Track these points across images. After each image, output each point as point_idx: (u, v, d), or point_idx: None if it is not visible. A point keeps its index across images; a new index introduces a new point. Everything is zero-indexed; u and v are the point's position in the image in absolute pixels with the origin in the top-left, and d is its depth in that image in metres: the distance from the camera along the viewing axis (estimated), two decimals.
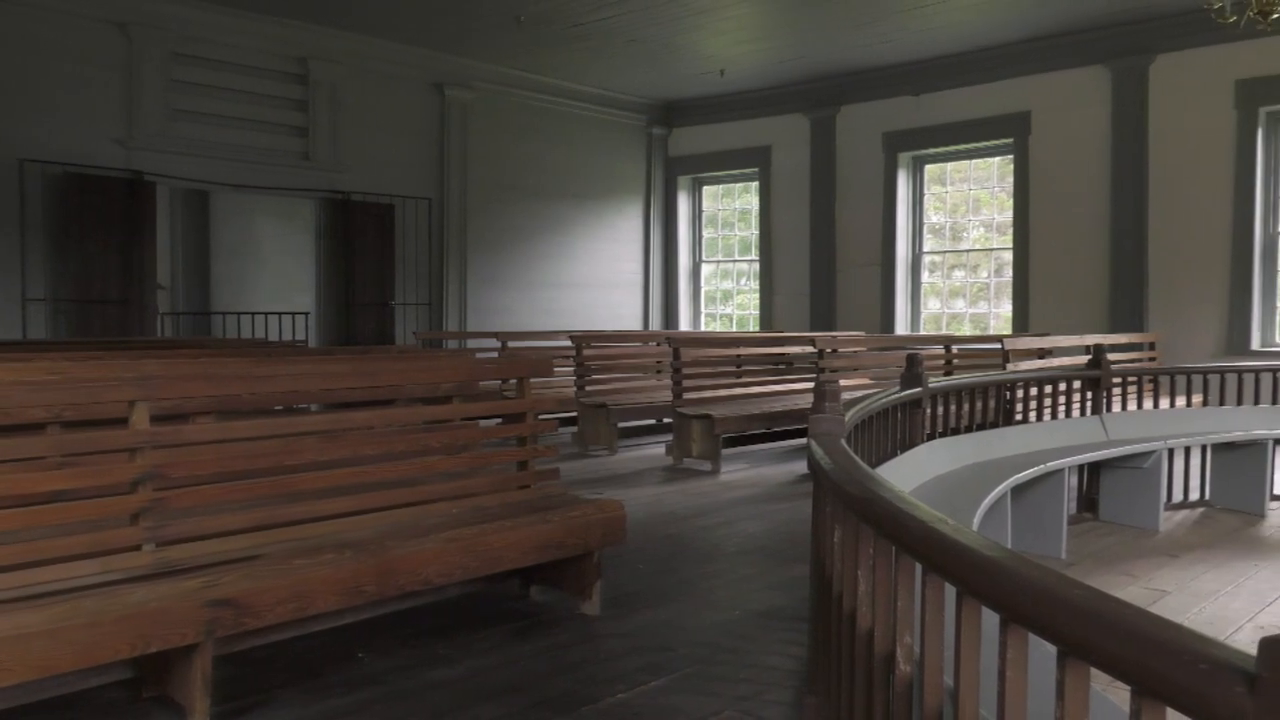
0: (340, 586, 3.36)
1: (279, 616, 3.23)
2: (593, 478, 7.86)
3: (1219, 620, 4.27)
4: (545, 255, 14.10)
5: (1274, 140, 10.57)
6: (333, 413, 4.28)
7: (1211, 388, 7.30)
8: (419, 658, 3.75)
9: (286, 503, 3.67)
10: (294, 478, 3.72)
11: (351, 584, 3.39)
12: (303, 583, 3.26)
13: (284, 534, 3.59)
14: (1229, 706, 0.98)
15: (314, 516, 3.71)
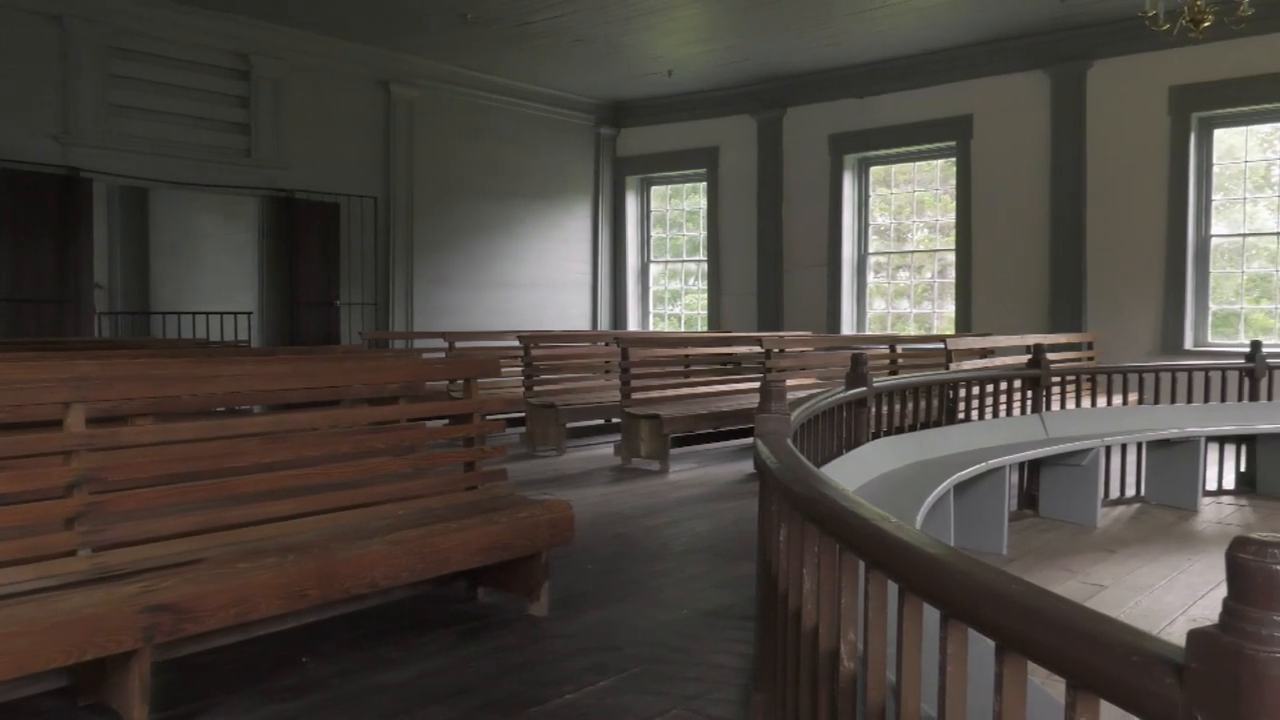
0: (283, 590, 3.31)
1: (220, 621, 3.17)
2: (541, 478, 7.84)
3: (1153, 613, 4.37)
4: (493, 255, 14.03)
5: (1205, 145, 10.85)
6: (276, 414, 4.22)
7: (1147, 386, 7.48)
8: (365, 661, 3.71)
9: (228, 506, 3.61)
10: (236, 480, 3.66)
11: (295, 588, 3.34)
12: (245, 587, 3.21)
13: (225, 537, 3.53)
14: (1159, 697, 1.01)
15: (256, 519, 3.65)
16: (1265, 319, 10.73)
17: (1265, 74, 10.16)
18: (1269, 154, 10.79)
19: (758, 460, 2.70)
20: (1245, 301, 10.85)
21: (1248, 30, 9.12)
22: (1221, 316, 10.93)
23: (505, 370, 10.02)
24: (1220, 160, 10.87)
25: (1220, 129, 10.80)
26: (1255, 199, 10.81)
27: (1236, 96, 10.45)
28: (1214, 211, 10.91)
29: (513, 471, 7.73)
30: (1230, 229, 10.88)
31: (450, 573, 4.01)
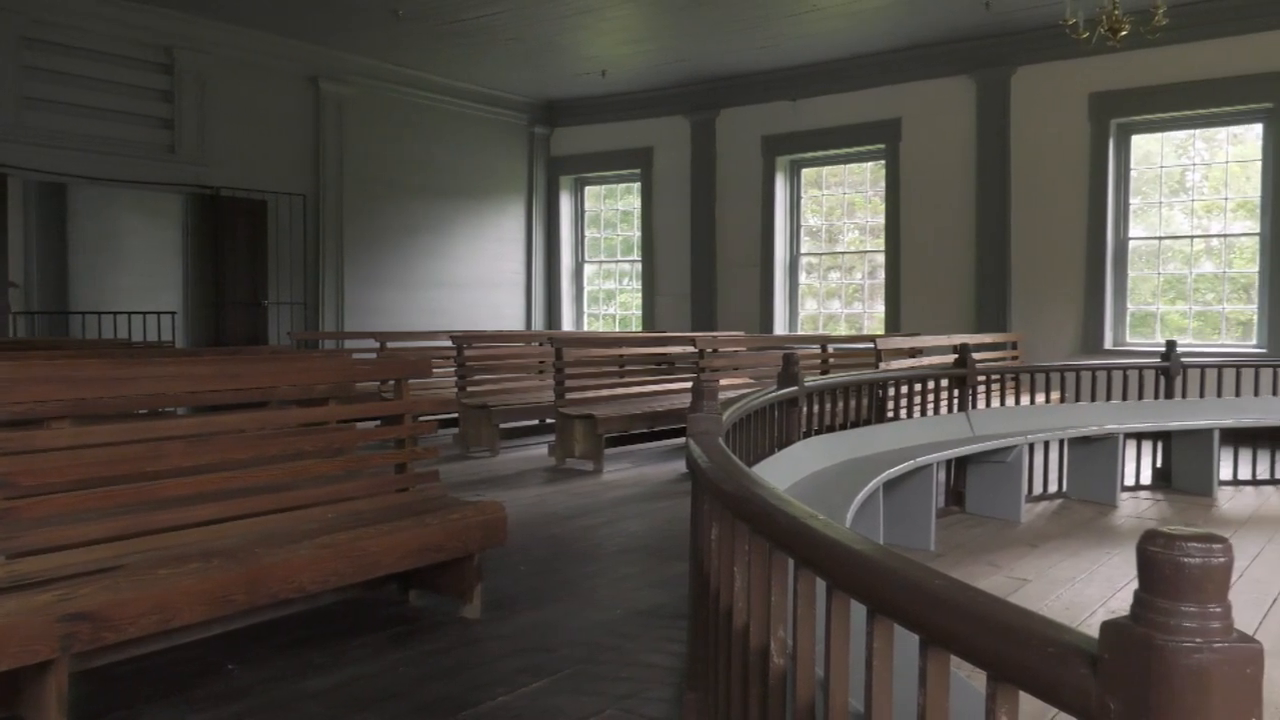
0: (207, 596, 3.24)
1: (141, 629, 3.09)
2: (474, 479, 7.79)
3: (1074, 606, 4.49)
4: (426, 254, 13.90)
5: (1124, 151, 11.18)
6: (201, 416, 4.12)
7: (1068, 385, 7.68)
8: (292, 667, 3.65)
9: (150, 510, 3.52)
10: (158, 484, 3.57)
11: (219, 593, 3.27)
12: (167, 594, 3.13)
13: (147, 543, 3.44)
14: (1074, 687, 1.03)
15: (179, 524, 3.57)
16: (1180, 319, 11.09)
17: (1179, 82, 10.51)
18: (1183, 160, 11.15)
19: (690, 460, 2.71)
20: (1161, 302, 11.19)
21: (1162, 40, 9.43)
22: (1139, 317, 11.27)
23: (438, 371, 9.95)
24: (1137, 165, 11.21)
25: (1138, 135, 11.14)
26: (1171, 203, 11.17)
27: (1152, 104, 10.79)
28: (1132, 215, 11.24)
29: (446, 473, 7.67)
30: (1147, 232, 11.22)
31: (381, 576, 3.96)
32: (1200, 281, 11.02)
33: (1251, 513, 6.74)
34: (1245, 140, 10.65)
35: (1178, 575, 0.98)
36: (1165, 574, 0.98)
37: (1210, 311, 10.94)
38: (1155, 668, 0.96)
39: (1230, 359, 9.02)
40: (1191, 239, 11.01)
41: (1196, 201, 11.06)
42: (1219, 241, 10.86)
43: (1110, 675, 1.00)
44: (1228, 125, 10.72)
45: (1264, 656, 0.97)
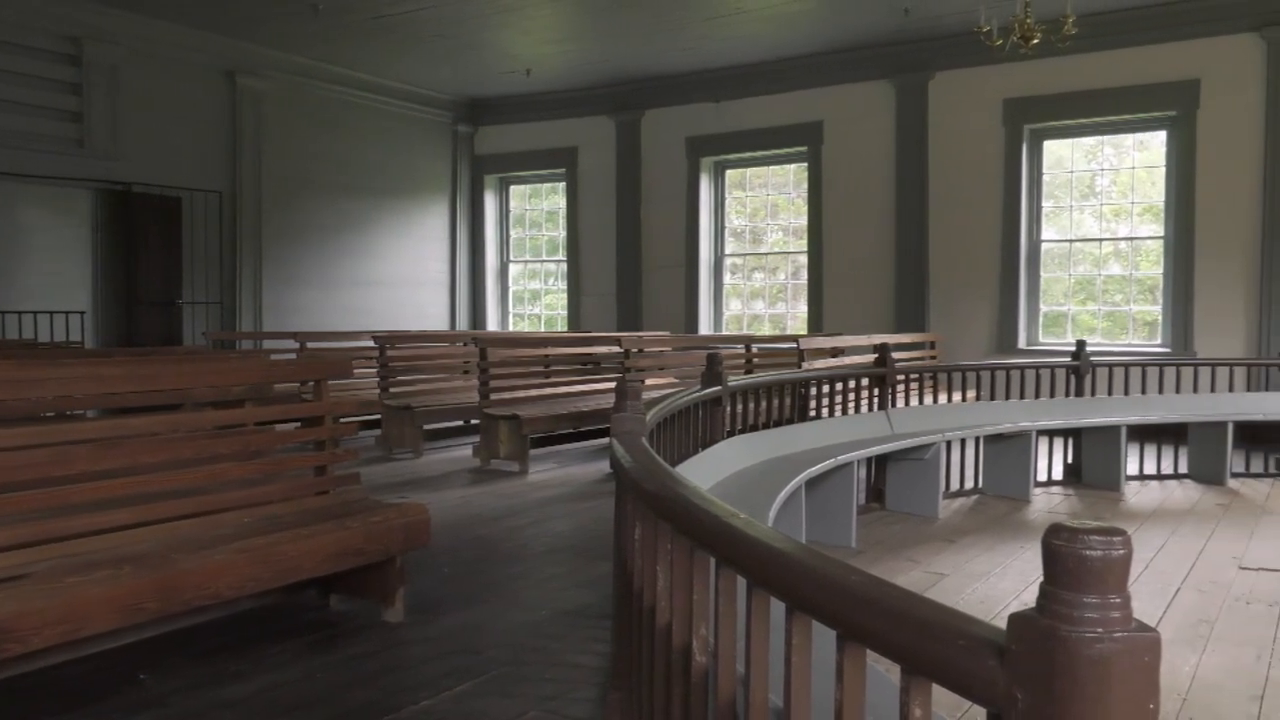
0: (117, 605, 3.14)
1: (48, 640, 2.99)
2: (397, 481, 7.69)
3: (989, 599, 4.61)
4: (347, 253, 13.68)
5: (1036, 155, 11.50)
6: (110, 419, 4.00)
7: (984, 384, 7.87)
8: (208, 676, 3.56)
9: (57, 517, 3.40)
10: (65, 489, 3.45)
11: (130, 602, 3.18)
12: (74, 603, 3.03)
13: (54, 550, 3.33)
14: (983, 679, 1.06)
15: (88, 530, 3.46)
16: (1090, 319, 11.45)
17: (1088, 90, 10.85)
18: (1093, 165, 11.51)
19: (613, 460, 2.72)
20: (1072, 303, 11.54)
21: (1073, 49, 9.74)
22: (1051, 317, 11.61)
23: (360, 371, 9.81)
24: (1050, 170, 11.55)
25: (1050, 140, 11.47)
26: (1081, 207, 11.52)
27: (1063, 110, 11.12)
28: (1044, 218, 11.57)
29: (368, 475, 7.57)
30: (1059, 234, 11.56)
31: (300, 581, 3.89)
32: (1109, 283, 11.39)
33: (1156, 506, 6.99)
34: (1151, 147, 11.04)
35: (1080, 568, 1.01)
36: (1068, 567, 1.01)
37: (1118, 312, 11.31)
38: (1059, 658, 0.99)
39: (1137, 358, 9.34)
40: (1100, 242, 11.37)
41: (1105, 205, 11.43)
42: (1126, 244, 11.24)
43: (1017, 666, 1.03)
44: (1134, 132, 11.10)
45: (1161, 645, 1.01)
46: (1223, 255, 10.30)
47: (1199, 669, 3.70)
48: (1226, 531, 6.12)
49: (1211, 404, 8.00)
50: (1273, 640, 4.05)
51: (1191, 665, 3.74)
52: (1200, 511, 6.77)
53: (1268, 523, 6.38)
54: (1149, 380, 8.40)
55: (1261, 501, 7.13)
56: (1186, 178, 10.49)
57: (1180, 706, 3.34)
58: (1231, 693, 3.48)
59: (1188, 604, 4.56)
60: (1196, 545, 5.74)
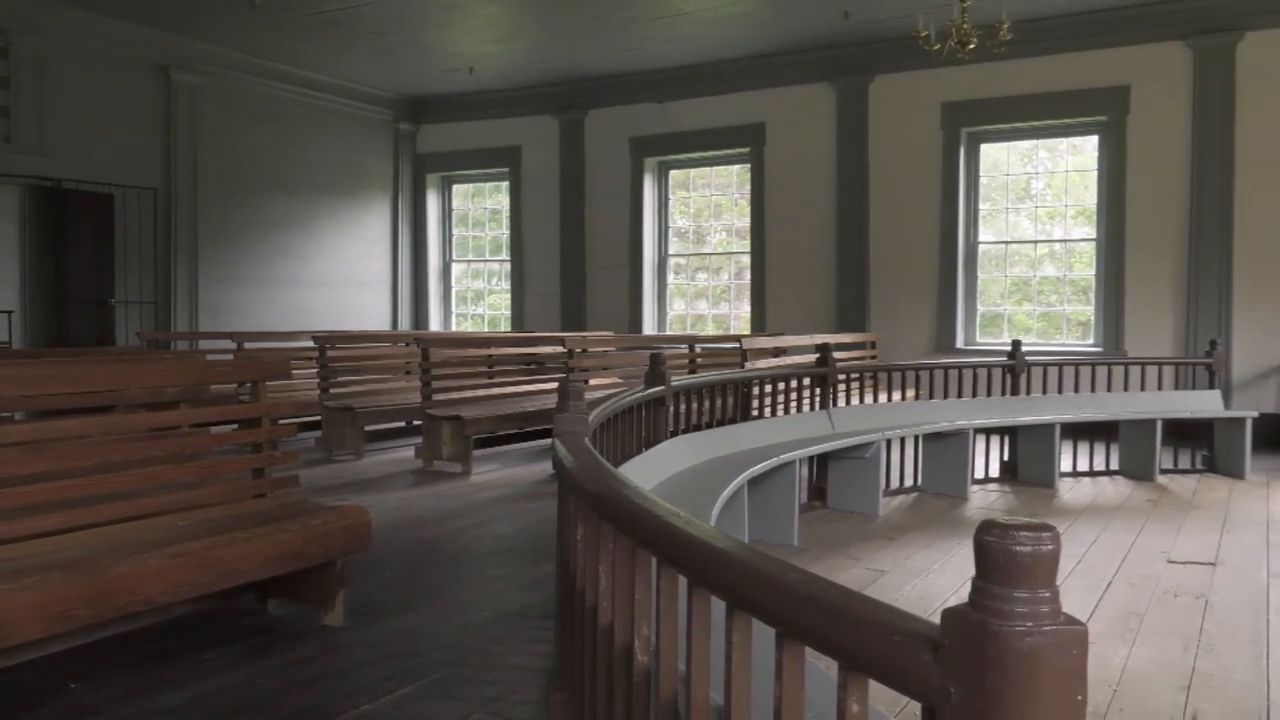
0: (46, 612, 3.06)
1: None
2: (337, 483, 7.59)
3: (928, 595, 4.68)
4: (286, 252, 13.47)
5: (973, 159, 11.70)
6: (40, 421, 3.90)
7: (923, 383, 8.00)
8: (142, 684, 3.48)
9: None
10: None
11: (60, 608, 3.09)
12: (1, 611, 2.95)
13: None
14: (917, 674, 1.08)
15: (17, 536, 3.37)
16: (1026, 319, 11.68)
17: (1023, 95, 11.07)
18: (1028, 168, 11.75)
19: (556, 460, 2.71)
20: (1009, 304, 11.77)
21: (1008, 54, 9.94)
22: (988, 317, 11.82)
23: (299, 372, 9.69)
24: (987, 173, 11.76)
25: (986, 144, 11.68)
26: (1017, 209, 11.75)
27: (1000, 114, 11.34)
28: (981, 220, 11.78)
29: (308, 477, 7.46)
30: (995, 236, 11.78)
31: (238, 585, 3.82)
32: (1044, 284, 11.63)
33: (1089, 502, 7.15)
34: (1084, 151, 11.30)
35: (1011, 563, 1.03)
36: (999, 562, 1.03)
37: (1053, 312, 11.56)
38: (990, 651, 1.01)
39: (1070, 357, 9.56)
40: (1035, 244, 11.61)
41: (1040, 208, 11.67)
42: (1060, 246, 11.49)
43: (950, 660, 1.05)
44: (1067, 136, 11.35)
45: (1088, 638, 1.04)
46: (1152, 257, 10.58)
47: (1129, 660, 3.80)
48: (1155, 526, 6.28)
49: (1141, 402, 8.22)
50: (1199, 632, 4.17)
51: (1122, 657, 3.84)
52: (1131, 507, 6.95)
53: (1194, 518, 6.57)
54: (1082, 379, 8.59)
55: (1188, 497, 7.34)
56: (1117, 181, 10.76)
57: (1111, 698, 3.42)
58: (1160, 683, 3.57)
59: (1119, 597, 4.68)
60: (1127, 540, 5.89)
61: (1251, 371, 10.14)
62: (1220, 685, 3.55)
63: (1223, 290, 10.20)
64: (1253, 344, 10.14)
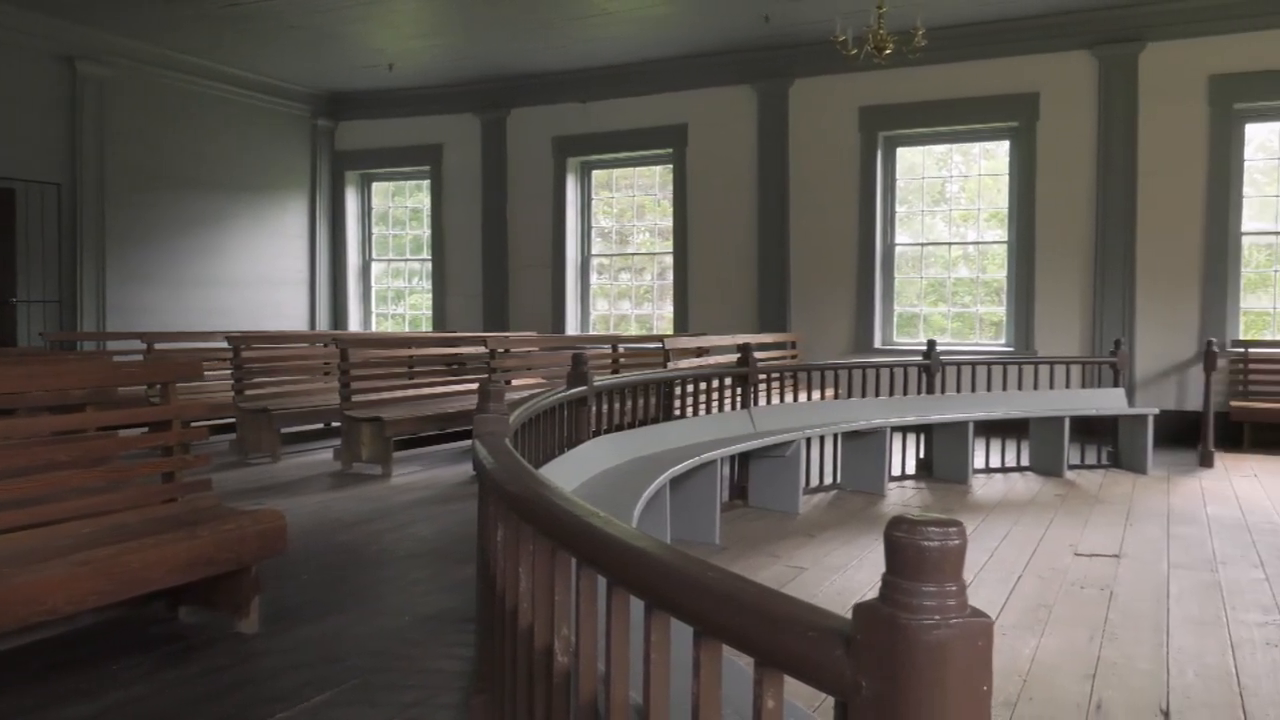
0: None
1: None
2: (253, 487, 7.43)
3: (846, 591, 4.76)
4: (199, 250, 13.12)
5: (890, 162, 11.94)
6: None
7: (842, 382, 8.14)
8: (47, 696, 3.37)
9: None
10: None
11: None
12: None
13: None
14: (830, 669, 1.10)
15: None
16: (941, 320, 11.95)
17: (938, 100, 11.33)
18: (943, 171, 12.02)
19: (476, 461, 2.70)
20: (925, 304, 12.02)
21: (923, 60, 10.16)
22: (905, 318, 12.07)
23: (213, 373, 9.45)
24: (903, 176, 12.00)
25: (902, 147, 11.93)
26: (932, 212, 12.02)
27: (915, 119, 11.58)
28: (898, 222, 12.02)
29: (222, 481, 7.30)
30: (912, 238, 12.03)
31: (147, 593, 3.72)
32: (958, 285, 11.91)
33: (1001, 498, 7.35)
34: (996, 155, 11.60)
35: (919, 558, 1.05)
36: (908, 557, 1.06)
37: (967, 313, 11.85)
38: (899, 645, 1.04)
39: (983, 357, 9.82)
40: (950, 245, 11.88)
41: (954, 211, 11.96)
42: (974, 248, 11.78)
43: (862, 655, 1.07)
44: (981, 141, 11.65)
45: (995, 630, 1.07)
46: (1061, 259, 10.92)
47: (1038, 651, 3.91)
48: (1064, 520, 6.49)
49: (1050, 400, 8.47)
50: (1104, 622, 4.32)
51: (1031, 648, 3.95)
52: (1040, 502, 7.16)
53: (1100, 511, 6.80)
54: (994, 378, 8.83)
55: (1095, 491, 7.59)
56: (1028, 185, 11.08)
57: (1021, 688, 3.52)
58: (1067, 673, 3.69)
59: (1028, 590, 4.82)
60: (1037, 534, 6.07)
61: (1153, 370, 10.53)
62: (1123, 673, 3.68)
63: (1126, 292, 10.58)
64: (1154, 344, 10.53)
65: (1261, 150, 10.46)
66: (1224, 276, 10.29)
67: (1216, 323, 10.28)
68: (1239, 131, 10.30)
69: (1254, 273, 10.52)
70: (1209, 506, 6.99)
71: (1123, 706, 3.37)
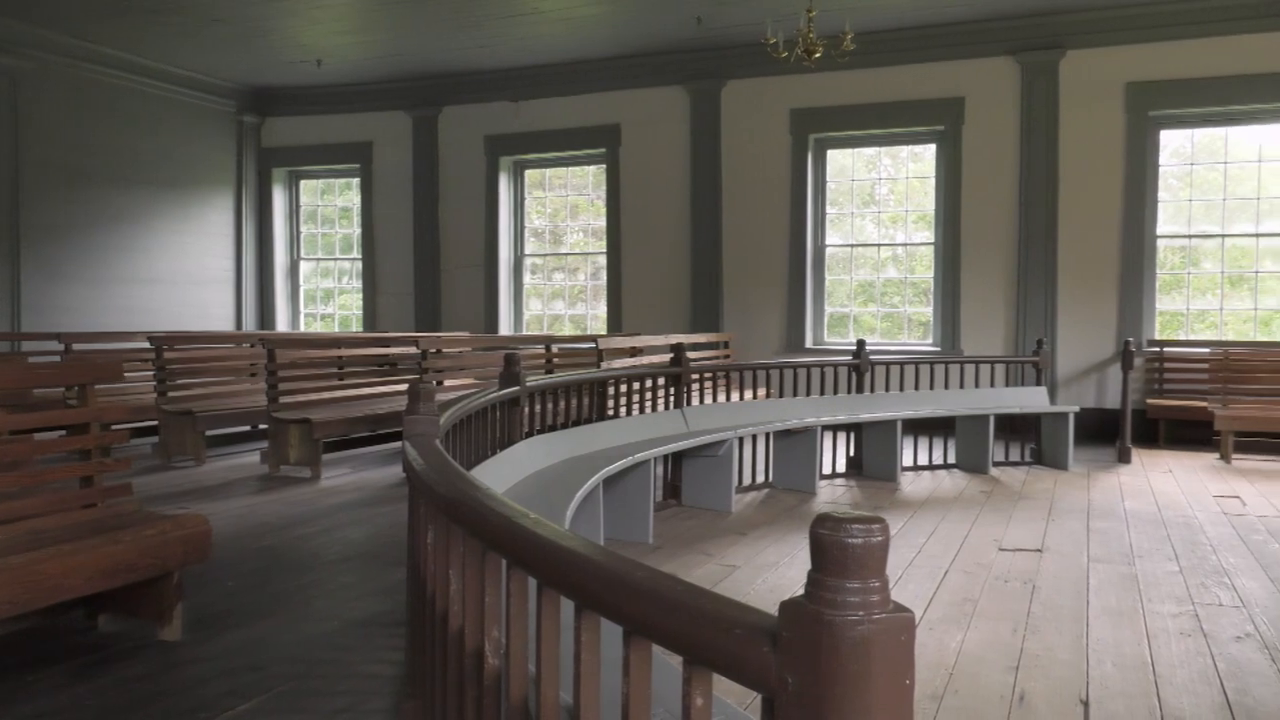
0: None
1: None
2: (176, 491, 7.25)
3: (778, 588, 4.81)
4: (121, 248, 12.77)
5: (821, 164, 12.09)
6: None
7: (774, 381, 8.21)
8: None
9: None
10: None
11: None
12: None
13: None
14: (757, 665, 1.11)
15: None
16: (871, 320, 12.14)
17: (867, 103, 11.51)
18: (872, 174, 12.21)
19: (406, 463, 2.67)
20: (855, 305, 12.20)
21: (852, 64, 10.33)
22: (836, 318, 12.23)
23: (134, 374, 9.21)
24: (833, 178, 12.16)
25: (833, 149, 12.09)
26: (862, 214, 12.20)
27: (845, 122, 11.74)
28: (829, 224, 12.18)
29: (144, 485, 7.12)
30: (842, 240, 12.20)
31: (65, 601, 3.60)
32: (887, 286, 12.11)
33: (928, 495, 7.49)
34: (923, 159, 11.82)
35: (843, 555, 1.07)
36: (833, 554, 1.07)
37: (896, 313, 12.05)
38: (825, 641, 1.05)
39: (911, 356, 9.99)
40: (879, 247, 12.07)
41: (883, 213, 12.15)
42: (902, 250, 11.99)
43: (788, 651, 1.08)
44: (908, 144, 11.85)
45: (916, 624, 1.09)
46: (986, 261, 11.16)
47: (964, 644, 4.00)
48: (988, 516, 6.63)
49: (975, 399, 8.66)
50: (1027, 615, 4.42)
51: (958, 642, 4.03)
52: (966, 498, 7.31)
53: (1023, 507, 6.96)
54: (922, 377, 9.00)
55: (1018, 488, 7.77)
56: (954, 188, 11.31)
57: (947, 681, 3.59)
58: (991, 664, 3.77)
59: (955, 585, 4.91)
60: (963, 530, 6.19)
61: (1073, 369, 10.82)
62: (1045, 664, 3.78)
63: (1048, 293, 10.85)
64: (1074, 344, 10.82)
65: (1175, 156, 10.82)
66: (1140, 278, 10.62)
67: (1133, 323, 10.61)
68: (1154, 138, 10.64)
69: (1168, 275, 10.87)
70: (1127, 501, 7.20)
71: (1044, 697, 3.45)
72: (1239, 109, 10.34)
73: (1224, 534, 6.12)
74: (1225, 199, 10.65)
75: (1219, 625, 4.29)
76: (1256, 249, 10.59)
